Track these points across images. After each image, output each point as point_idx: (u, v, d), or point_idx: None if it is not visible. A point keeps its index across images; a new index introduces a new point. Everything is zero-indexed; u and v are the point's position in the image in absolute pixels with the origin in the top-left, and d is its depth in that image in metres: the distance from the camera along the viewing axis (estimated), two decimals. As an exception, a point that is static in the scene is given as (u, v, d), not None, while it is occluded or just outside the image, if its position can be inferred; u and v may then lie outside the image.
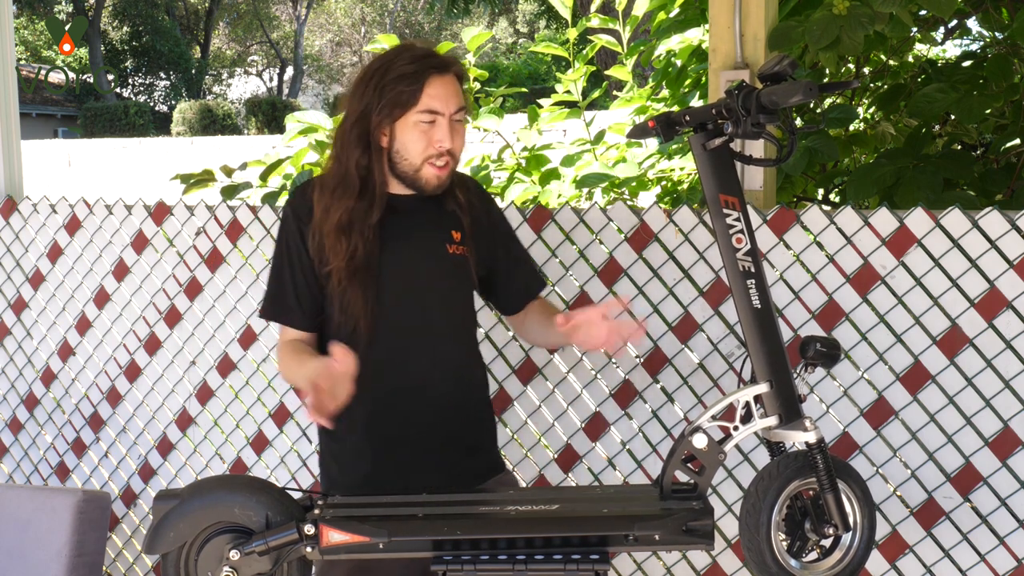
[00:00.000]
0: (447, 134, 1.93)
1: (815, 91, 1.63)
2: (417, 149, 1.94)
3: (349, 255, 1.93)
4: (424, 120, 1.92)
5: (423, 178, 1.96)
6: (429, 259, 2.01)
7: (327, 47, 35.61)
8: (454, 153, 1.96)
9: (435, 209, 2.02)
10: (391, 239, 1.98)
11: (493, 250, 2.09)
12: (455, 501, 1.85)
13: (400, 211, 2.00)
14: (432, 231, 2.02)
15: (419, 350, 1.99)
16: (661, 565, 2.49)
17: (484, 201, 2.13)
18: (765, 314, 1.76)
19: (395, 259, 1.98)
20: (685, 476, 1.82)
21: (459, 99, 1.96)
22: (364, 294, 1.94)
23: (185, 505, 1.82)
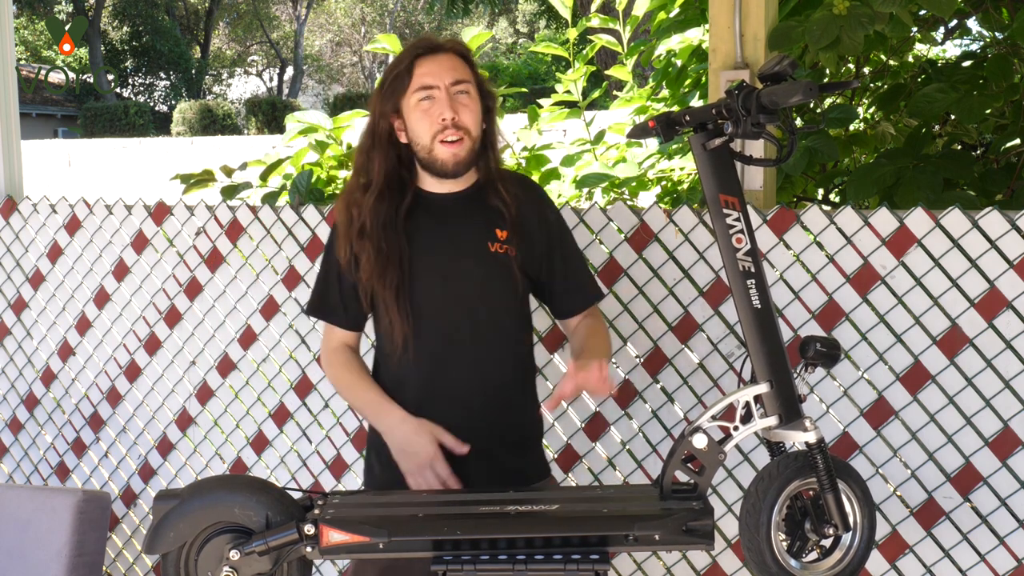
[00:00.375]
0: (447, 106, 1.91)
1: (815, 91, 1.63)
2: (423, 129, 1.94)
3: (374, 256, 1.93)
4: (422, 98, 1.93)
5: (438, 159, 1.94)
6: (467, 258, 1.97)
7: (327, 47, 35.61)
8: (462, 125, 1.93)
9: (476, 206, 1.99)
10: (424, 238, 1.97)
11: (545, 250, 2.03)
12: (455, 501, 1.85)
13: (435, 208, 1.99)
14: (471, 229, 1.98)
15: (459, 350, 1.97)
16: (661, 565, 2.49)
17: (536, 199, 2.07)
18: (765, 314, 1.76)
19: (429, 259, 1.96)
20: (685, 476, 1.82)
21: (456, 73, 1.95)
22: (395, 295, 1.93)
23: (185, 505, 1.82)
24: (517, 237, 1.99)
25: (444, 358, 1.97)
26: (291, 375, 2.79)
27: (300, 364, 2.77)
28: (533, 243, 2.01)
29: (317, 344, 2.74)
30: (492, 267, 1.97)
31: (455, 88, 1.94)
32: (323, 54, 35.70)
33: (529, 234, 2.01)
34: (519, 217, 1.99)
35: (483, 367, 1.99)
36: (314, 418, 2.78)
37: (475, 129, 1.96)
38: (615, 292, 2.42)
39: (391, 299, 1.94)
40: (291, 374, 2.79)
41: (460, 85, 1.95)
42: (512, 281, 1.99)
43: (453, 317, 1.97)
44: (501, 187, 1.99)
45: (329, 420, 2.76)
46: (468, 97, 1.96)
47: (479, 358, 1.98)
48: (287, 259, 2.75)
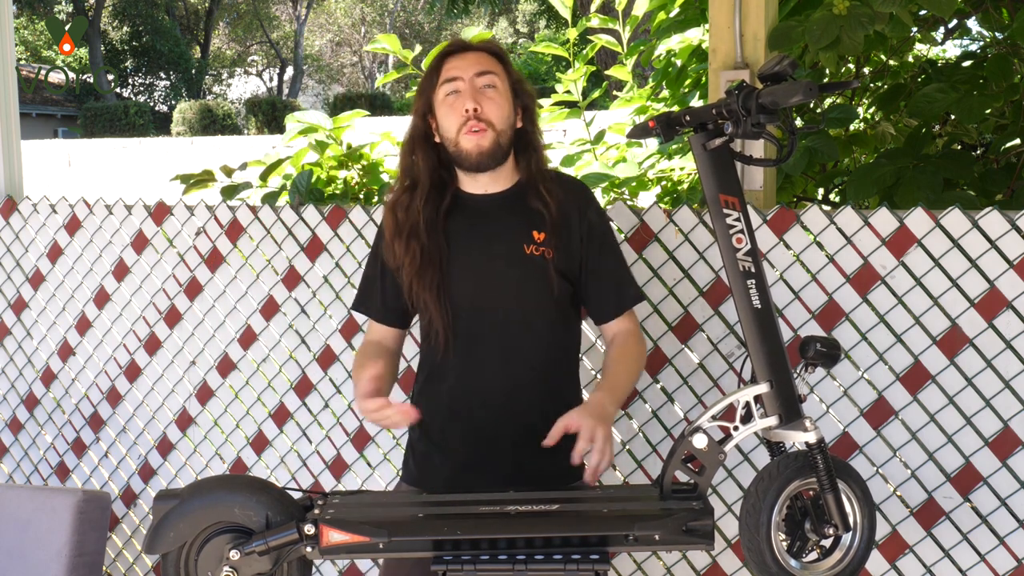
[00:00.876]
0: (469, 97, 1.93)
1: (815, 91, 1.63)
2: (451, 123, 1.96)
3: (410, 253, 1.96)
4: (448, 92, 1.96)
5: (463, 151, 1.95)
6: (501, 259, 1.97)
7: (327, 47, 35.62)
8: (484, 117, 1.93)
9: (515, 208, 1.99)
10: (460, 239, 1.98)
11: (583, 249, 2.01)
12: (455, 501, 1.85)
13: (473, 210, 2.00)
14: (508, 231, 1.98)
15: (491, 350, 1.98)
16: (661, 565, 2.49)
17: (581, 197, 2.05)
18: (765, 314, 1.76)
19: (464, 259, 1.97)
20: (685, 476, 1.82)
21: (482, 65, 1.97)
22: (434, 294, 1.95)
23: (185, 505, 1.82)
24: (556, 238, 1.97)
25: (477, 358, 1.98)
26: (291, 375, 2.79)
27: (300, 364, 2.77)
28: (572, 243, 2.00)
29: (317, 344, 2.74)
30: (526, 269, 1.97)
31: (480, 80, 1.95)
32: (323, 54, 35.71)
33: (568, 234, 2.00)
34: (559, 218, 1.98)
35: (513, 368, 1.98)
36: (314, 418, 2.78)
37: (500, 123, 1.96)
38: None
39: (431, 299, 1.96)
40: (291, 374, 2.79)
41: (485, 77, 1.96)
42: (547, 283, 1.97)
43: (486, 318, 1.98)
44: (543, 188, 1.99)
45: (329, 420, 2.76)
46: (494, 91, 1.96)
47: (510, 359, 1.98)
48: (287, 259, 2.75)
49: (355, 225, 2.65)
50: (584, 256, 2.01)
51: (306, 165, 3.33)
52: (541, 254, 1.96)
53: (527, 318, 1.98)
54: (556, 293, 1.98)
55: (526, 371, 1.99)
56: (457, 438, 2.02)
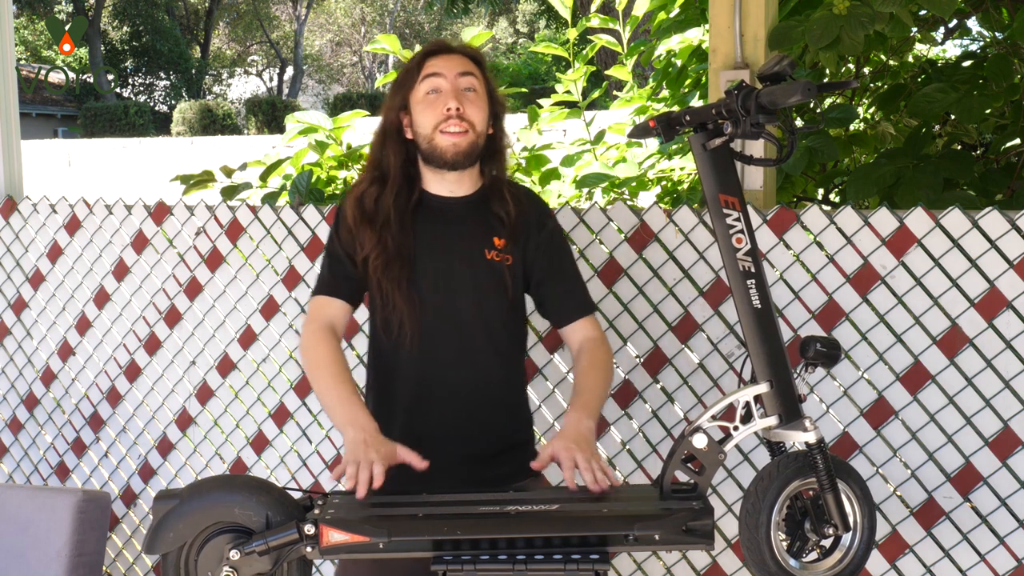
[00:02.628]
0: (452, 97, 1.94)
1: (814, 91, 1.63)
2: (427, 119, 1.96)
3: (381, 244, 1.96)
4: (428, 90, 1.96)
5: (438, 148, 1.95)
6: (464, 263, 1.99)
7: (327, 47, 35.61)
8: (467, 118, 1.95)
9: (478, 213, 2.02)
10: (427, 239, 1.99)
11: (541, 261, 2.04)
12: (455, 501, 1.85)
13: (439, 212, 2.01)
14: (471, 235, 2.00)
15: (453, 352, 1.98)
16: (661, 565, 2.49)
17: (538, 207, 2.10)
18: (765, 314, 1.76)
19: (430, 259, 1.99)
20: (685, 476, 1.82)
21: (464, 66, 1.98)
22: (400, 287, 1.95)
23: (185, 505, 1.82)
24: (514, 244, 2.01)
25: (436, 359, 1.99)
26: (291, 375, 2.79)
27: (300, 364, 2.77)
28: (529, 249, 2.03)
29: (317, 344, 2.74)
30: (487, 273, 1.99)
31: (462, 81, 1.97)
32: (323, 54, 35.70)
33: (526, 240, 2.03)
34: (519, 224, 2.02)
35: (474, 370, 2.00)
36: (314, 418, 2.78)
37: (480, 124, 1.98)
38: (615, 292, 2.42)
39: (398, 291, 1.96)
40: (291, 374, 2.79)
41: (467, 79, 1.97)
42: (506, 288, 2.00)
43: (446, 319, 1.99)
44: (506, 196, 2.02)
45: (329, 420, 2.76)
46: (475, 94, 1.98)
47: (471, 361, 2.00)
48: (287, 259, 2.75)
49: (355, 225, 2.64)
50: (543, 263, 2.04)
51: (306, 165, 3.34)
52: (501, 260, 2.00)
53: (485, 319, 2.00)
54: (511, 297, 2.02)
55: (485, 373, 2.01)
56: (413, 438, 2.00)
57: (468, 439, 2.00)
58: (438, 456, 1.98)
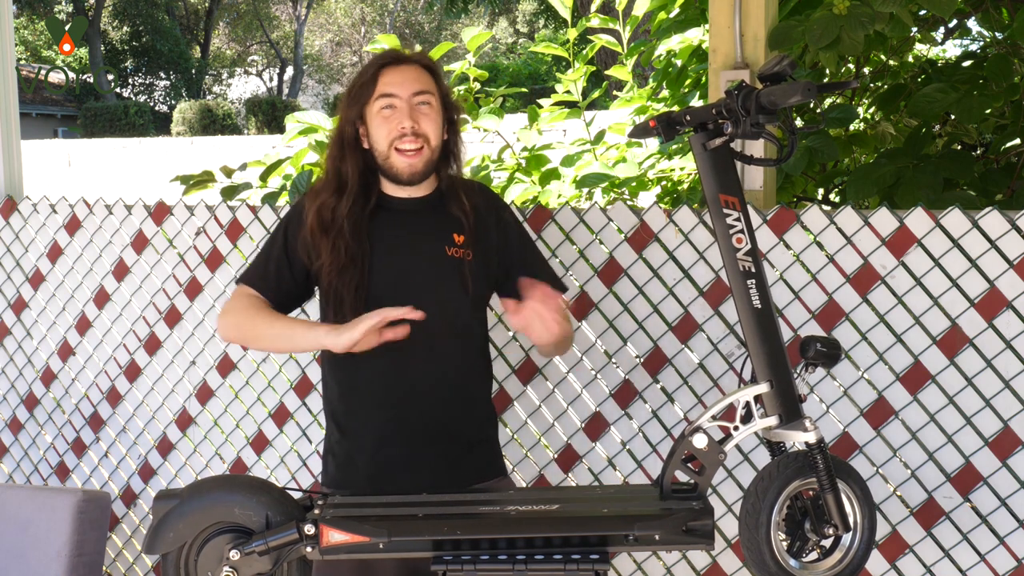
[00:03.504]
0: (407, 116, 1.97)
1: (814, 91, 1.63)
2: (381, 136, 1.99)
3: (335, 252, 1.98)
4: (383, 106, 1.99)
5: (394, 166, 2.00)
6: (424, 260, 2.02)
7: (327, 47, 35.61)
8: (421, 134, 1.98)
9: (436, 212, 2.05)
10: (384, 239, 2.01)
11: (505, 254, 2.09)
12: (455, 501, 1.85)
13: (397, 212, 2.04)
14: (430, 233, 2.03)
15: (416, 350, 1.98)
16: (661, 565, 2.49)
17: (494, 206, 2.13)
18: (765, 314, 1.76)
19: (388, 259, 2.01)
20: (685, 476, 1.82)
21: (419, 84, 2.00)
22: (355, 292, 1.97)
23: (185, 505, 1.82)
24: (474, 242, 2.04)
25: (399, 357, 1.99)
26: (291, 375, 2.79)
27: (300, 364, 2.77)
28: (490, 246, 2.07)
29: (317, 344, 2.74)
30: (448, 269, 2.02)
31: (416, 99, 2.00)
32: (323, 54, 35.69)
33: (487, 238, 2.07)
34: (477, 224, 2.06)
35: (438, 366, 2.02)
36: (314, 418, 2.78)
37: (435, 139, 2.02)
38: (615, 292, 2.42)
39: (350, 298, 1.98)
40: (291, 374, 2.79)
41: (422, 96, 2.00)
42: (465, 283, 2.03)
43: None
44: (462, 196, 2.06)
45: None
46: (429, 108, 2.01)
47: (434, 357, 2.02)
48: (287, 259, 2.75)
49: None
50: (507, 256, 2.09)
51: (306, 165, 3.34)
52: (461, 256, 2.03)
53: (448, 317, 2.02)
54: (472, 293, 2.05)
55: (450, 369, 2.04)
56: (379, 437, 2.02)
57: (433, 438, 2.02)
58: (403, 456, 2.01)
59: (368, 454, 2.03)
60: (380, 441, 2.02)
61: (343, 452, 2.07)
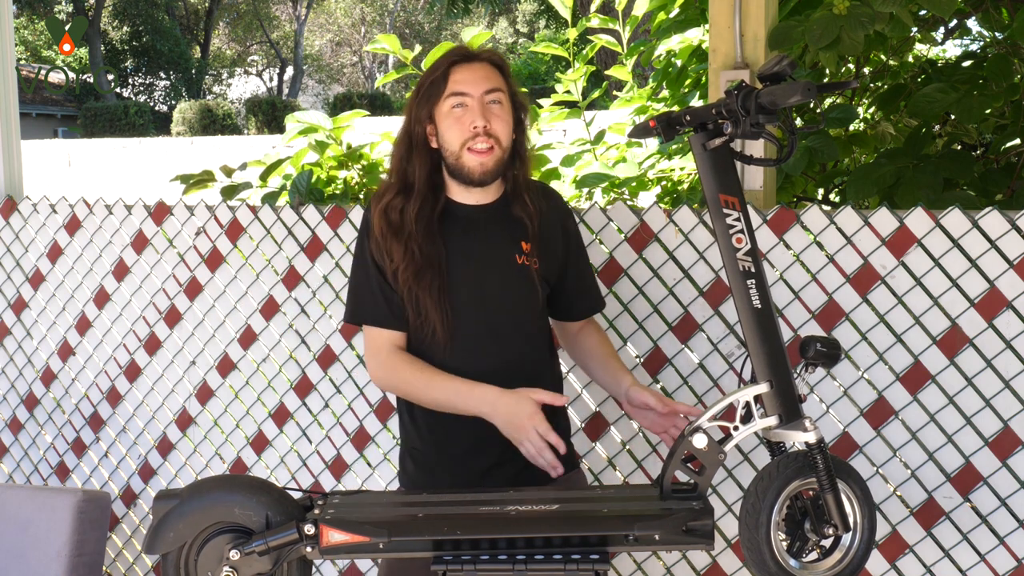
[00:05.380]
0: (479, 115, 1.94)
1: (814, 91, 1.63)
2: (454, 136, 1.96)
3: (408, 254, 1.95)
4: (455, 105, 1.96)
5: (465, 166, 1.96)
6: (496, 269, 2.00)
7: (327, 47, 35.61)
8: (493, 134, 1.95)
9: (503, 217, 2.03)
10: (458, 248, 2.00)
11: (563, 260, 2.09)
12: (455, 501, 1.85)
13: (466, 220, 2.02)
14: (500, 241, 2.02)
15: (491, 357, 1.99)
16: (661, 565, 2.49)
17: (559, 210, 2.12)
18: (765, 314, 1.76)
19: (463, 268, 1.99)
20: (685, 476, 1.82)
21: (490, 82, 1.97)
22: (433, 295, 1.95)
23: (185, 505, 1.82)
24: (539, 249, 2.03)
25: (475, 361, 1.99)
26: (291, 375, 2.79)
27: (300, 364, 2.77)
28: (553, 254, 2.07)
29: (317, 344, 2.74)
30: (518, 279, 2.01)
31: (488, 97, 1.97)
32: (323, 54, 35.70)
33: (551, 246, 2.06)
34: (542, 230, 2.04)
35: (511, 373, 1.99)
36: (314, 418, 2.78)
37: (506, 139, 1.99)
38: (615, 292, 2.42)
39: (430, 300, 1.95)
40: (291, 374, 2.79)
41: (493, 94, 1.97)
42: (535, 292, 2.03)
43: (482, 323, 1.99)
44: (527, 199, 2.03)
45: (329, 420, 2.76)
46: (500, 107, 1.98)
47: (506, 363, 2.00)
48: (287, 259, 2.75)
49: (355, 225, 2.65)
50: (564, 264, 2.10)
51: (306, 165, 3.34)
52: (529, 264, 2.02)
53: (519, 324, 2.02)
54: (541, 301, 2.05)
55: (520, 374, 2.01)
56: (461, 441, 2.02)
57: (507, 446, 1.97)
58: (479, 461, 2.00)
59: (456, 460, 2.02)
60: (467, 449, 2.01)
61: (426, 457, 2.05)
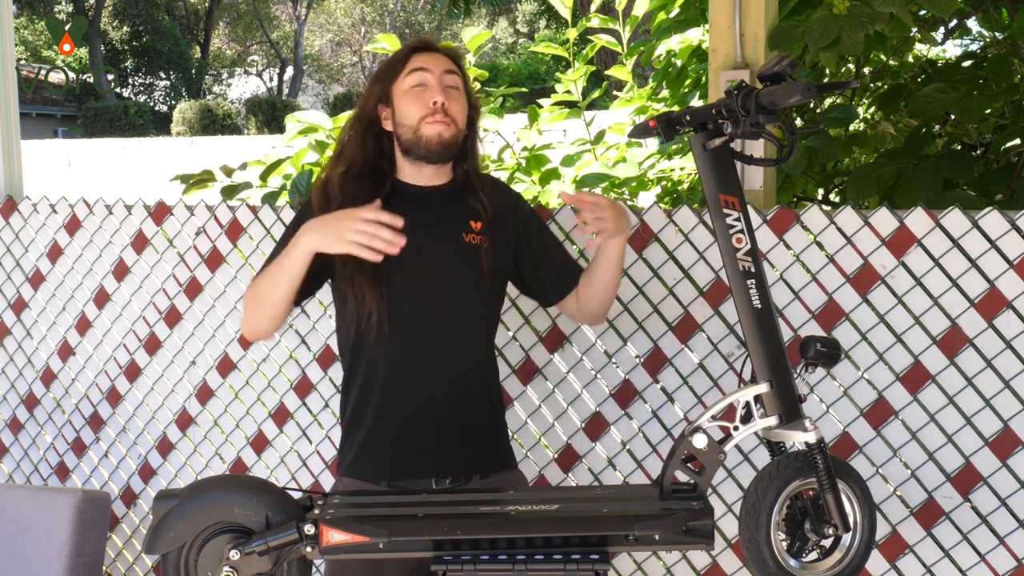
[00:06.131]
0: (439, 91, 1.98)
1: (814, 91, 1.63)
2: (413, 111, 1.99)
3: None
4: (415, 83, 2.00)
5: (424, 137, 1.98)
6: (443, 247, 2.02)
7: (327, 47, 35.61)
8: (450, 113, 1.99)
9: (452, 200, 2.05)
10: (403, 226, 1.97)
11: (524, 243, 2.11)
12: (455, 501, 1.85)
13: (412, 198, 2.04)
14: (446, 219, 2.03)
15: (432, 337, 2.00)
16: (661, 565, 2.49)
17: (511, 198, 2.16)
18: (765, 314, 1.76)
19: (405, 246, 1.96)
20: (685, 476, 1.82)
21: (449, 65, 2.02)
22: (370, 280, 1.96)
23: (185, 505, 1.82)
24: (492, 232, 2.05)
25: (416, 343, 1.99)
26: (291, 375, 2.79)
27: (300, 364, 2.77)
28: (508, 237, 2.08)
29: (317, 344, 2.74)
30: (465, 256, 2.02)
31: (447, 79, 2.01)
32: (323, 54, 35.69)
33: (505, 229, 2.08)
34: (494, 216, 2.06)
35: (453, 353, 2.02)
36: (314, 418, 2.78)
37: (461, 122, 2.03)
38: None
39: (367, 283, 1.96)
40: (291, 374, 2.79)
41: (451, 77, 2.02)
42: (483, 271, 2.03)
43: (426, 303, 2.00)
44: (479, 189, 2.07)
45: (329, 420, 2.76)
46: (458, 92, 2.03)
47: (450, 344, 2.01)
48: (287, 259, 2.75)
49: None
50: (528, 249, 2.11)
51: (306, 165, 3.34)
52: (479, 243, 2.03)
53: (465, 303, 2.03)
54: (490, 282, 2.05)
55: (466, 356, 2.04)
56: (396, 424, 2.02)
57: (443, 426, 2.01)
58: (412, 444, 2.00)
59: (388, 442, 2.02)
60: (399, 428, 2.01)
61: (362, 439, 2.05)
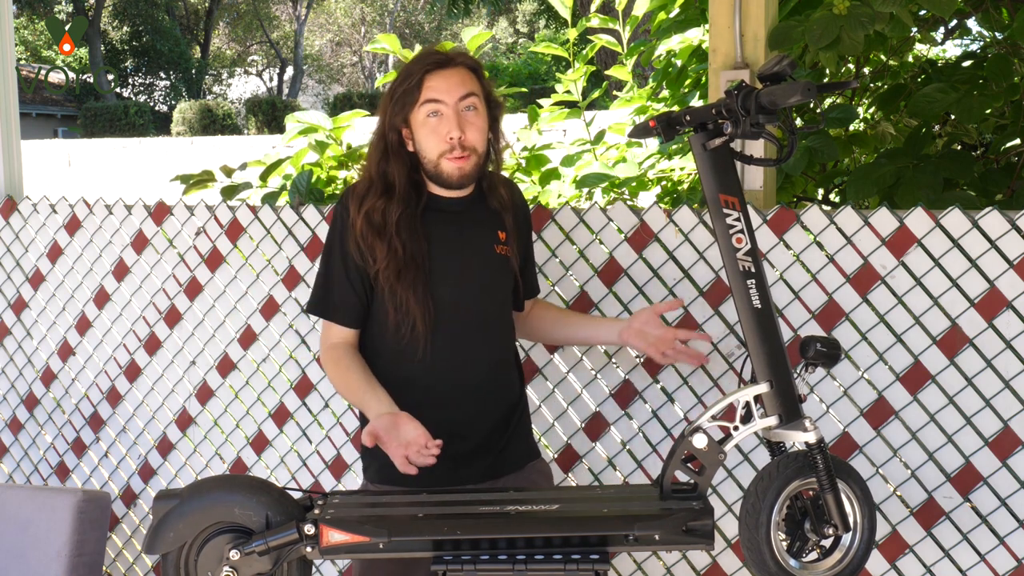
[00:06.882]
0: (454, 124, 1.96)
1: (814, 91, 1.63)
2: (431, 145, 1.99)
3: (391, 254, 1.98)
4: (430, 113, 1.97)
5: (444, 173, 2.00)
6: (478, 259, 2.06)
7: (327, 47, 35.61)
8: (468, 145, 1.98)
9: (481, 209, 2.08)
10: (439, 240, 2.03)
11: (523, 251, 2.17)
12: (455, 501, 1.85)
13: (447, 212, 2.05)
14: (480, 231, 2.07)
15: (473, 346, 2.04)
16: (661, 565, 2.49)
17: (520, 200, 2.20)
18: (765, 314, 1.76)
19: (445, 259, 2.03)
20: (685, 476, 1.82)
21: (465, 87, 1.99)
22: (415, 292, 1.98)
23: (185, 505, 1.82)
24: (511, 238, 2.11)
25: (454, 352, 2.03)
26: (291, 375, 2.79)
27: (300, 364, 2.77)
28: (518, 239, 2.15)
29: (317, 344, 2.74)
30: (497, 267, 2.08)
31: (463, 103, 1.98)
32: (323, 54, 35.69)
33: (517, 232, 2.14)
34: (512, 219, 2.11)
35: (492, 362, 2.08)
36: (314, 418, 2.78)
37: (481, 146, 2.02)
38: (615, 292, 2.42)
39: (412, 297, 1.98)
40: (291, 374, 2.79)
41: (468, 99, 1.99)
42: (512, 280, 2.11)
43: (465, 316, 2.04)
44: (500, 189, 2.11)
45: (329, 420, 2.76)
46: (475, 113, 2.00)
47: (484, 352, 2.07)
48: (287, 259, 2.75)
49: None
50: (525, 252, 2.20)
51: (306, 165, 3.34)
52: (506, 253, 2.09)
53: (498, 312, 2.10)
54: (514, 288, 2.13)
55: (502, 364, 2.11)
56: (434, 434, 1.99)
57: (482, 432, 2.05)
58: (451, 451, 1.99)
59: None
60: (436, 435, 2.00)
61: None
